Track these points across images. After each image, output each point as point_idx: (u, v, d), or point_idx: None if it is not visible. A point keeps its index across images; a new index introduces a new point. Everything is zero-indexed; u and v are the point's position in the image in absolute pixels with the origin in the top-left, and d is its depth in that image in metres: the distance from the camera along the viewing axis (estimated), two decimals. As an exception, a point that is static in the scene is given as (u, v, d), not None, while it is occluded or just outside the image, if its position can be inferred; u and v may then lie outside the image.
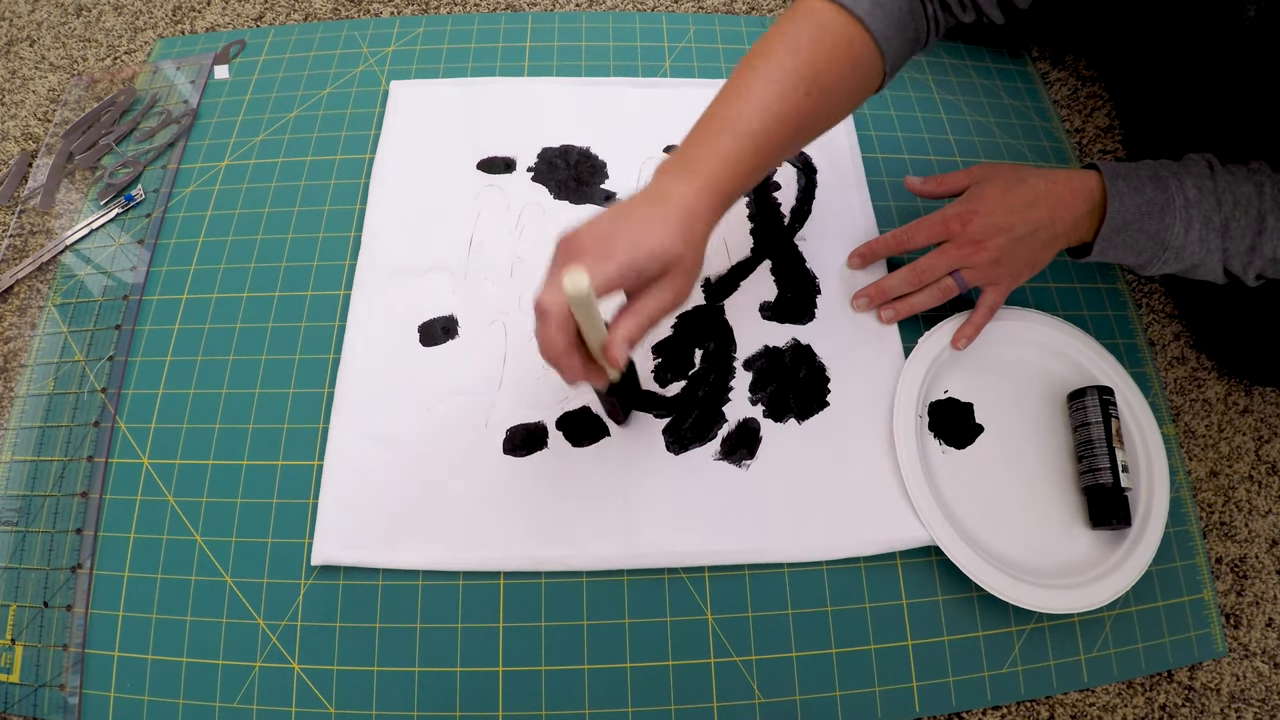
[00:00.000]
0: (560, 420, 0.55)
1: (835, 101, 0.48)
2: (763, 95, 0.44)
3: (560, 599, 0.51)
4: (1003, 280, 0.55)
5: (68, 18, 0.78)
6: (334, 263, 0.61)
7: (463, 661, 0.49)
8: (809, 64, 0.45)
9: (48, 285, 0.62)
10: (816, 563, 0.52)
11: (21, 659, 0.50)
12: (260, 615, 0.50)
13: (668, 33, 0.75)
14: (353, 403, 0.55)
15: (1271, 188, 0.48)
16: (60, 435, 0.56)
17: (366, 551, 0.51)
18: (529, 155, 0.66)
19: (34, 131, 0.70)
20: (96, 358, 0.58)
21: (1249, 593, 0.56)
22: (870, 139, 0.69)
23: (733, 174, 0.44)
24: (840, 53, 0.46)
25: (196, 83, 0.71)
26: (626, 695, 0.49)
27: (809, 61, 0.45)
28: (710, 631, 0.51)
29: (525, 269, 0.61)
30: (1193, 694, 0.53)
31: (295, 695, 0.49)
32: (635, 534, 0.52)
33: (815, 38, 0.46)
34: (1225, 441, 0.60)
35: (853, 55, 0.47)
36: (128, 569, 0.52)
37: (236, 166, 0.66)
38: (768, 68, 0.45)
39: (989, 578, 0.50)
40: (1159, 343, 0.64)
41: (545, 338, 0.40)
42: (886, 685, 0.50)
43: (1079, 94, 0.76)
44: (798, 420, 0.56)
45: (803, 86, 0.45)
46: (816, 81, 0.45)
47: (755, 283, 0.61)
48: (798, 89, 0.45)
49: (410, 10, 0.77)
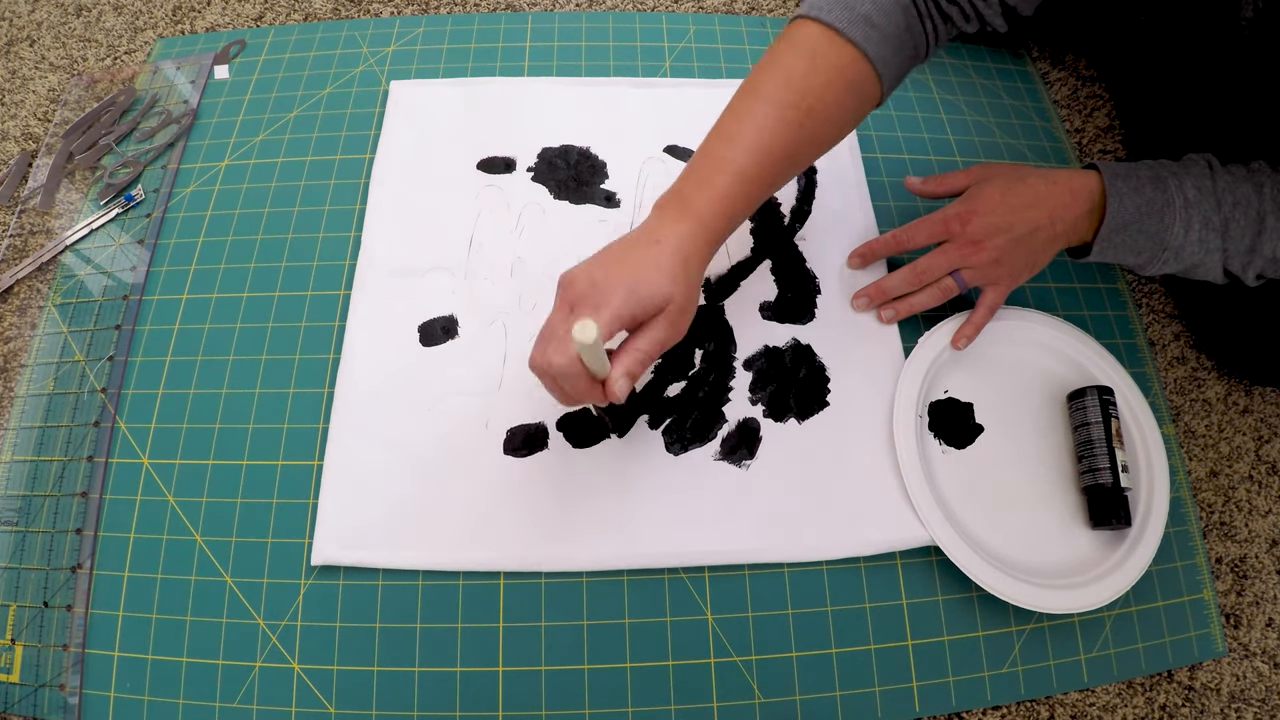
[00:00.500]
0: (560, 421, 0.55)
1: (831, 128, 0.48)
2: (755, 133, 0.45)
3: (560, 599, 0.51)
4: (1002, 280, 0.55)
5: (68, 18, 0.78)
6: (334, 263, 0.61)
7: (463, 661, 0.49)
8: (803, 96, 0.45)
9: (48, 285, 0.62)
10: (816, 563, 0.52)
11: (21, 659, 0.50)
12: (260, 615, 0.50)
13: (668, 33, 0.75)
14: (353, 403, 0.55)
15: (1271, 188, 0.48)
16: (60, 435, 0.56)
17: (366, 551, 0.51)
18: (529, 155, 0.66)
19: (34, 131, 0.70)
20: (96, 358, 0.58)
21: (1249, 593, 0.56)
22: (870, 139, 0.69)
23: (728, 213, 0.45)
24: (835, 81, 0.46)
25: (196, 83, 0.71)
26: (626, 695, 0.49)
27: (803, 93, 0.46)
28: (710, 631, 0.51)
29: (525, 269, 0.61)
30: (1193, 694, 0.53)
31: (295, 695, 0.49)
32: (635, 534, 0.52)
33: (809, 70, 0.46)
34: (1225, 441, 0.60)
35: (847, 81, 0.47)
36: (128, 569, 0.52)
37: (236, 166, 0.66)
38: (761, 104, 0.46)
39: (989, 578, 0.50)
40: (1159, 343, 0.64)
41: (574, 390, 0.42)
42: (886, 685, 0.50)
43: (1079, 94, 0.76)
44: (798, 420, 0.56)
45: (796, 119, 0.45)
46: (811, 113, 0.46)
47: (755, 283, 0.61)
48: (791, 123, 0.45)
49: (410, 10, 0.77)
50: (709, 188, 0.45)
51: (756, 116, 0.45)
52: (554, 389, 0.43)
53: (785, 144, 0.46)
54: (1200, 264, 0.50)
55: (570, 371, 0.41)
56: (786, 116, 0.45)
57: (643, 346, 0.43)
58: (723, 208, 0.45)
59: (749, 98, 0.47)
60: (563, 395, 0.44)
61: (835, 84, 0.46)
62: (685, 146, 0.67)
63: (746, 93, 0.47)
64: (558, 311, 0.43)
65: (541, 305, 0.59)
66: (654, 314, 0.42)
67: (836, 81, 0.46)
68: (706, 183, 0.45)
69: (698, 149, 0.47)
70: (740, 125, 0.46)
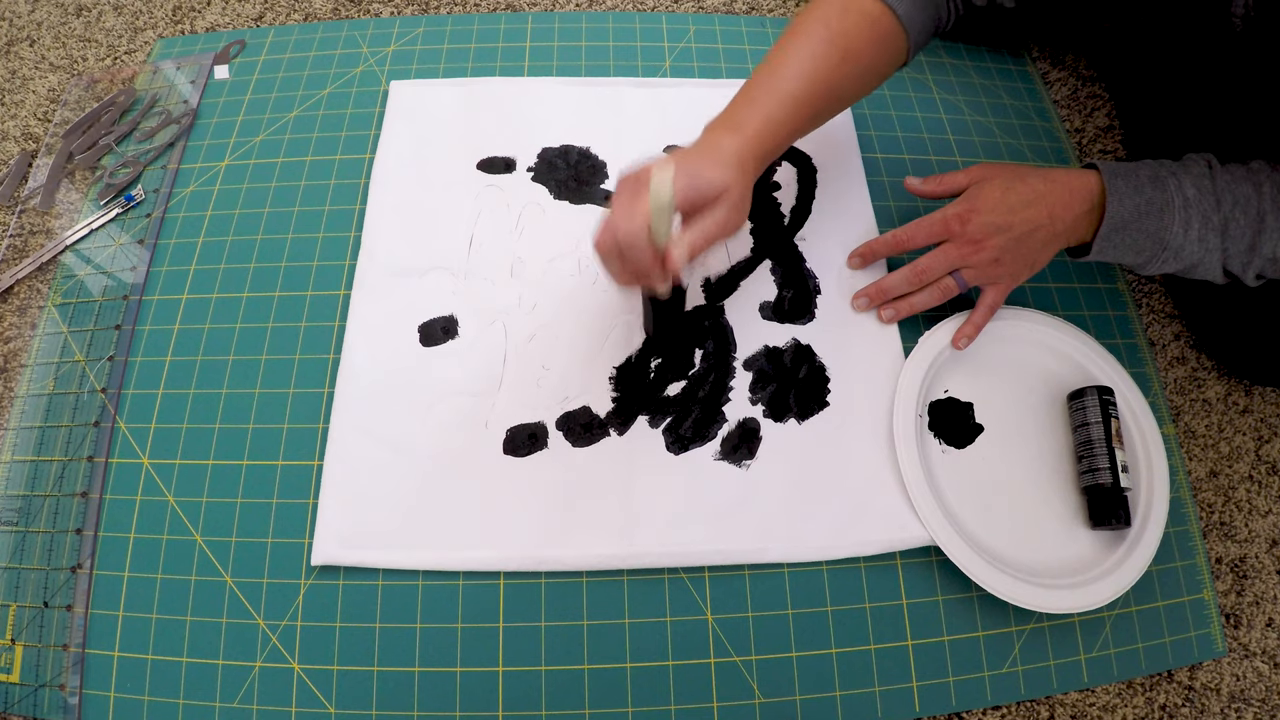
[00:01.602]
0: (560, 420, 0.55)
1: (864, 71, 0.53)
2: (799, 62, 0.50)
3: (560, 599, 0.51)
4: (1002, 280, 0.55)
5: (68, 18, 0.78)
6: (334, 263, 0.61)
7: (463, 661, 0.49)
8: (841, 35, 0.51)
9: (48, 285, 0.62)
10: (816, 563, 0.52)
11: (21, 659, 0.50)
12: (260, 615, 0.50)
13: (668, 33, 0.75)
14: (353, 403, 0.55)
15: (1271, 187, 0.48)
16: (60, 435, 0.56)
17: (366, 551, 0.51)
18: (529, 155, 0.66)
19: (34, 131, 0.70)
20: (96, 358, 0.58)
21: (1249, 593, 0.56)
22: (870, 139, 0.69)
23: (774, 131, 0.49)
24: (866, 30, 0.52)
25: (196, 83, 0.71)
26: (626, 695, 0.49)
27: (840, 33, 0.51)
28: (710, 631, 0.51)
29: (525, 269, 0.61)
30: (1193, 694, 0.53)
31: (295, 695, 0.49)
32: (635, 534, 0.52)
33: (842, 16, 0.51)
34: (1225, 441, 0.60)
35: (878, 33, 0.52)
36: (128, 569, 0.52)
37: (236, 166, 0.66)
38: (802, 39, 0.51)
39: (989, 577, 0.50)
40: (1159, 343, 0.64)
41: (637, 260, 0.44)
42: (886, 685, 0.50)
43: (1079, 94, 0.76)
44: (798, 420, 0.56)
45: (835, 56, 0.50)
46: (848, 51, 0.51)
47: (755, 283, 0.61)
48: (830, 57, 0.50)
49: (410, 10, 0.77)
50: (759, 108, 0.49)
51: (800, 50, 0.50)
52: (615, 264, 0.45)
53: (825, 76, 0.50)
54: (1200, 263, 0.50)
55: (638, 238, 0.42)
56: (827, 52, 0.50)
57: (704, 225, 0.45)
58: (771, 128, 0.49)
59: (791, 37, 0.51)
60: (622, 271, 0.45)
61: (866, 33, 0.51)
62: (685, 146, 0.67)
63: (788, 34, 0.52)
64: (620, 197, 0.44)
65: (541, 305, 0.59)
66: (713, 199, 0.45)
67: (867, 31, 0.52)
68: (756, 104, 0.49)
69: (745, 83, 0.51)
70: (785, 57, 0.50)
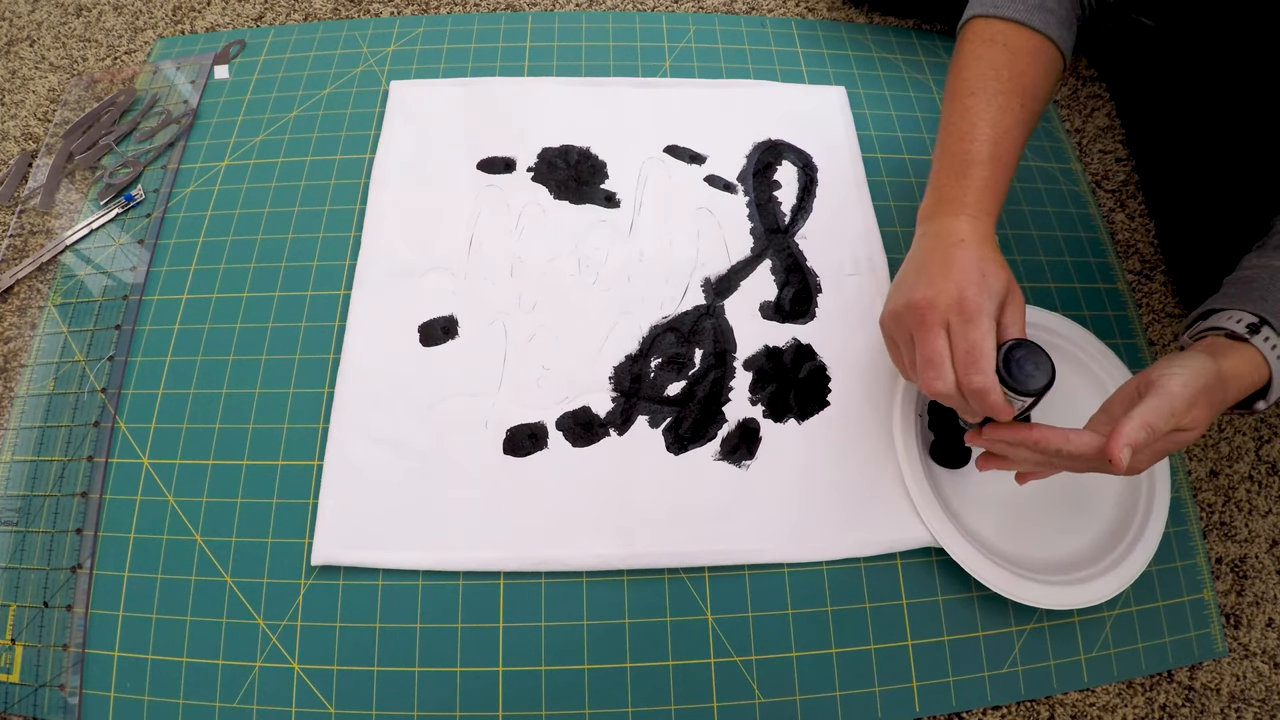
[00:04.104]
0: (560, 420, 0.55)
1: (1039, 105, 0.52)
2: (989, 125, 0.49)
3: (560, 599, 0.51)
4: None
5: (68, 18, 0.78)
6: (334, 263, 0.61)
7: (463, 661, 0.49)
8: (1015, 81, 0.50)
9: (48, 285, 0.62)
10: (816, 563, 0.52)
11: (21, 659, 0.50)
12: (260, 615, 0.50)
13: (668, 33, 0.75)
14: (353, 403, 0.55)
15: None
16: (60, 435, 0.56)
17: (366, 551, 0.51)
18: (529, 155, 0.66)
19: (34, 131, 0.70)
20: (96, 358, 0.58)
21: (1249, 593, 0.56)
22: (870, 139, 0.69)
23: (994, 197, 0.48)
24: (1033, 65, 0.51)
25: (196, 83, 0.71)
26: (626, 695, 0.49)
27: (1013, 79, 0.50)
28: (710, 631, 0.51)
29: (525, 269, 0.61)
30: (1193, 694, 0.53)
31: (295, 695, 0.49)
32: (635, 534, 0.52)
33: (1010, 60, 0.50)
34: (1225, 441, 0.60)
35: (1042, 65, 0.51)
36: (128, 569, 0.52)
37: (236, 166, 0.66)
38: (981, 99, 0.49)
39: (990, 575, 0.50)
40: (1159, 343, 0.64)
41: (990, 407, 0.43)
42: (886, 685, 0.50)
43: (1079, 94, 0.75)
44: (798, 420, 0.56)
45: (1016, 103, 0.49)
46: (1024, 95, 0.50)
47: (755, 282, 0.61)
48: (1013, 108, 0.49)
49: (410, 10, 0.77)
50: (969, 181, 0.48)
51: (984, 110, 0.49)
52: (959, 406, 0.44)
53: (1013, 126, 0.49)
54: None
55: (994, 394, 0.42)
56: (1009, 104, 0.49)
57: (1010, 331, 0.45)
58: (987, 196, 0.48)
59: (968, 98, 0.50)
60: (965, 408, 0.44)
61: (1034, 68, 0.51)
62: (685, 146, 0.67)
63: (962, 94, 0.50)
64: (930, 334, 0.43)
65: (541, 305, 0.59)
66: (1002, 300, 0.44)
67: (1034, 66, 0.51)
68: (964, 177, 0.48)
69: (935, 155, 0.51)
70: (973, 121, 0.49)
